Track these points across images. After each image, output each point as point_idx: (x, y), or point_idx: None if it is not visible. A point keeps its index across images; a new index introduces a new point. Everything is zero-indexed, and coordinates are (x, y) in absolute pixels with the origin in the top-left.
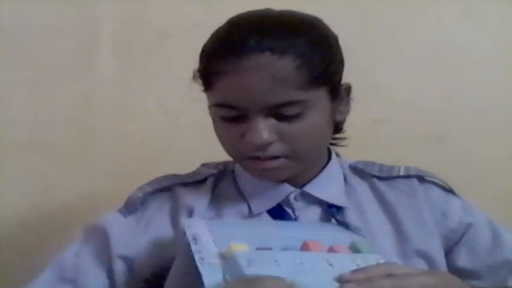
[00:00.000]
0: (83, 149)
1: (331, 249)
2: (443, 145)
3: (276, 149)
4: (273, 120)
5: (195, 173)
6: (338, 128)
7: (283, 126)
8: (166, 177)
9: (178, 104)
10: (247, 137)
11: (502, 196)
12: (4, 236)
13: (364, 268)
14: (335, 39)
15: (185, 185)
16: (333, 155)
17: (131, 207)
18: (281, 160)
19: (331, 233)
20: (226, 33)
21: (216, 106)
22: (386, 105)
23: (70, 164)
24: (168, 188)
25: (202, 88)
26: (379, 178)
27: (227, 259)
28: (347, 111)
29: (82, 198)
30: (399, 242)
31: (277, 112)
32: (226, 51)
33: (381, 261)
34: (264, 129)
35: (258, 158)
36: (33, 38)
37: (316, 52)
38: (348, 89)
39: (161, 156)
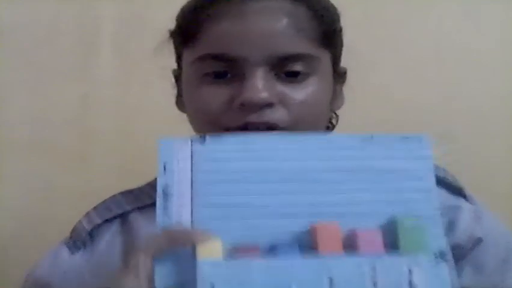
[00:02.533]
0: (83, 149)
1: (350, 238)
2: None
3: (274, 114)
4: (274, 80)
5: (151, 186)
6: (330, 121)
7: (286, 89)
8: (117, 200)
9: None
10: (243, 95)
11: (502, 196)
12: (4, 236)
13: None
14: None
15: (142, 208)
16: None
17: (79, 241)
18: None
19: (367, 184)
20: None
21: (201, 60)
22: (386, 105)
23: (70, 164)
24: (120, 215)
25: (178, 47)
26: None
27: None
28: (342, 101)
29: (82, 198)
30: None
31: (283, 68)
32: None
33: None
34: (264, 85)
35: (247, 129)
36: (33, 38)
37: (327, 9)
38: (345, 74)
39: None
